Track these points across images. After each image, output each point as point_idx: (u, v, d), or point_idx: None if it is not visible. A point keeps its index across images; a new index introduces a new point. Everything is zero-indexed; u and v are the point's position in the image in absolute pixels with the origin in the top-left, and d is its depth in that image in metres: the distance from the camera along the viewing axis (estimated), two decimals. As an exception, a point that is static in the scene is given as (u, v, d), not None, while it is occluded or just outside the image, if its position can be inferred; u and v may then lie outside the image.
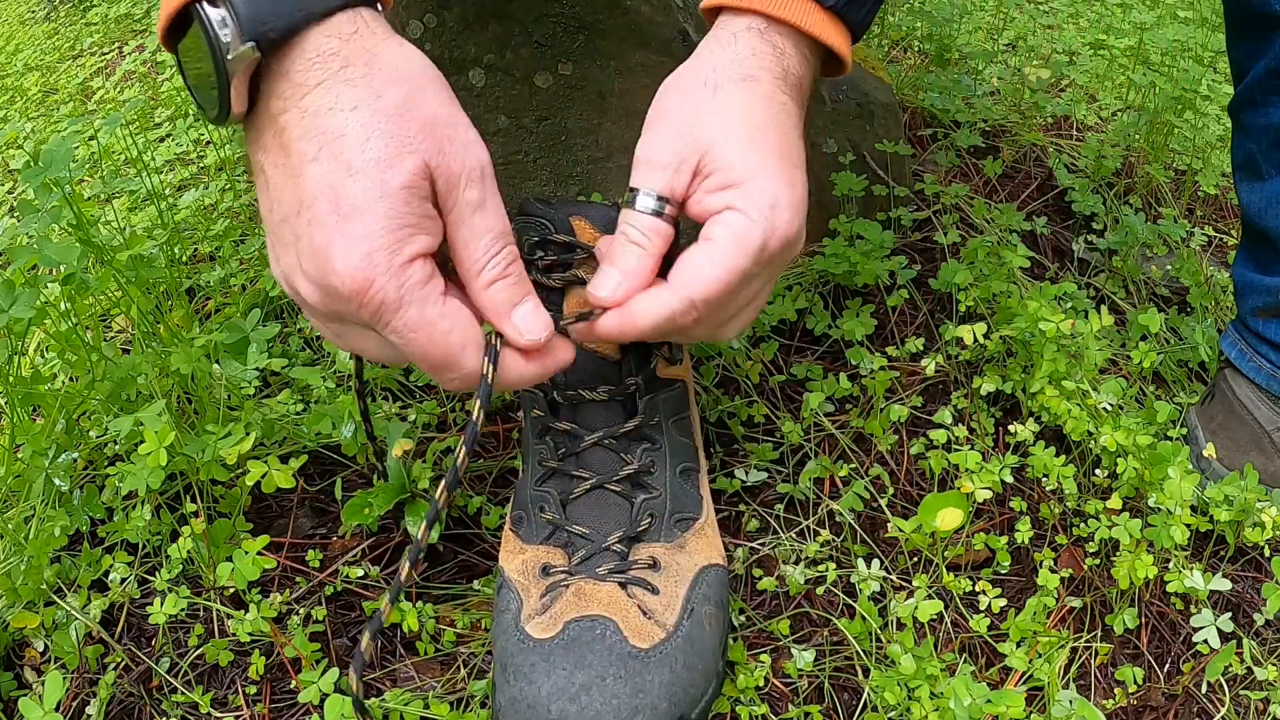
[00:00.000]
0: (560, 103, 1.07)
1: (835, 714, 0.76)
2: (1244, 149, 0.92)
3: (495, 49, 1.04)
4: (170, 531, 0.82)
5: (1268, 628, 0.84)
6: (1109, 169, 1.34)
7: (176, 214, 1.25)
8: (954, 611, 0.82)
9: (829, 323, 1.04)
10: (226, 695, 0.77)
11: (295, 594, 0.82)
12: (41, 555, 0.77)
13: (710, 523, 0.80)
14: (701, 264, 0.62)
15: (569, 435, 0.76)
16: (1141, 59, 1.73)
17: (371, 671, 0.79)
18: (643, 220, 0.64)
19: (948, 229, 1.12)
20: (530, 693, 0.65)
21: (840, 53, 0.67)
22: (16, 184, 1.61)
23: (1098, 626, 0.82)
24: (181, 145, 1.50)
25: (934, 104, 1.40)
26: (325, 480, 0.90)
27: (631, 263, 0.64)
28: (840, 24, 0.67)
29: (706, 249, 0.63)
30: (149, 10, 2.28)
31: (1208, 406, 0.97)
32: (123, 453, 0.86)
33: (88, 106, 1.89)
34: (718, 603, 0.74)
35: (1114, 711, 0.77)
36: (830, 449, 0.95)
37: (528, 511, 0.77)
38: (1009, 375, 0.96)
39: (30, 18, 2.57)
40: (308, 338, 1.03)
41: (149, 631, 0.80)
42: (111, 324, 1.11)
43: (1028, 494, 0.91)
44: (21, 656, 0.78)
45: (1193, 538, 0.87)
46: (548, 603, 0.70)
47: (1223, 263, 1.26)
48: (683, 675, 0.67)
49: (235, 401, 0.88)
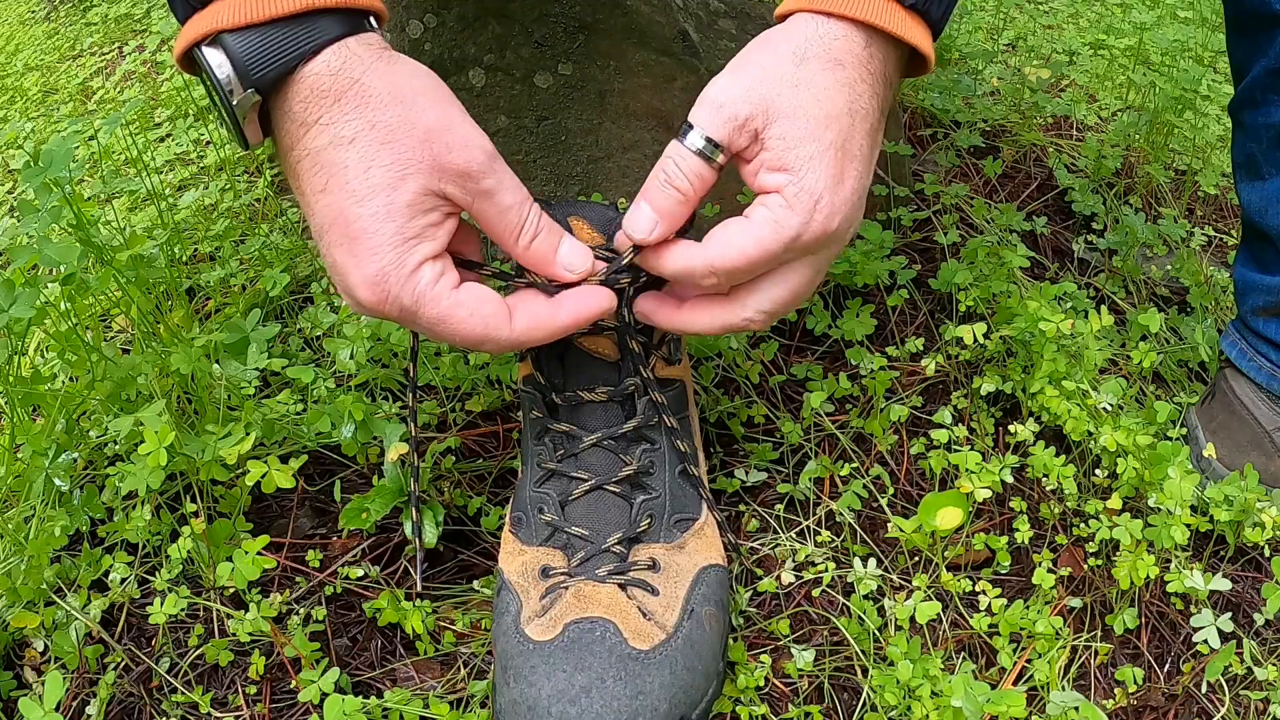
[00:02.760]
0: (560, 103, 1.07)
1: (835, 714, 0.76)
2: (1244, 149, 0.91)
3: (495, 49, 1.04)
4: (170, 531, 0.82)
5: (1268, 628, 0.84)
6: (1109, 169, 1.34)
7: (176, 214, 1.25)
8: (954, 611, 0.82)
9: (829, 323, 1.04)
10: (226, 695, 0.77)
11: (295, 594, 0.82)
12: (41, 555, 0.77)
13: (710, 523, 0.80)
14: (735, 235, 0.64)
15: (568, 436, 0.76)
16: (1141, 59, 1.73)
17: (371, 671, 0.79)
18: (688, 161, 0.65)
19: (948, 229, 1.12)
20: (531, 695, 0.65)
21: (923, 50, 0.67)
22: (16, 184, 1.61)
23: (1098, 626, 0.82)
24: (181, 145, 1.50)
25: (934, 104, 1.40)
26: (325, 480, 0.90)
27: (669, 205, 0.66)
28: (921, 21, 0.66)
29: (743, 224, 0.65)
30: (149, 10, 2.27)
31: (1208, 406, 0.97)
32: (123, 453, 0.86)
33: (88, 106, 1.89)
34: (718, 603, 0.73)
35: (1114, 711, 0.77)
36: (830, 449, 0.95)
37: (527, 513, 0.76)
38: (1009, 375, 0.96)
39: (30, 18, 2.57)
40: (308, 338, 1.03)
41: (149, 631, 0.80)
42: (111, 324, 1.11)
43: (1028, 494, 0.91)
44: (21, 656, 0.78)
45: (1193, 538, 0.87)
46: (547, 604, 0.70)
47: (1223, 263, 1.26)
48: (683, 676, 0.67)
49: (235, 401, 0.88)
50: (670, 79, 1.06)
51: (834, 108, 0.64)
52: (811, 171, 0.63)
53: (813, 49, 0.65)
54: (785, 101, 0.63)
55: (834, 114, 0.64)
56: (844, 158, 0.64)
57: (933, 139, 1.37)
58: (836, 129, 0.64)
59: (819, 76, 0.64)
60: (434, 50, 1.04)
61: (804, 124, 0.63)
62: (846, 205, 0.65)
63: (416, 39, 1.04)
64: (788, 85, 0.64)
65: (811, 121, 0.63)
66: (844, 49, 0.65)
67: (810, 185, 0.63)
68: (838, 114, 0.64)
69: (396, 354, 0.97)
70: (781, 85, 0.64)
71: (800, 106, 0.63)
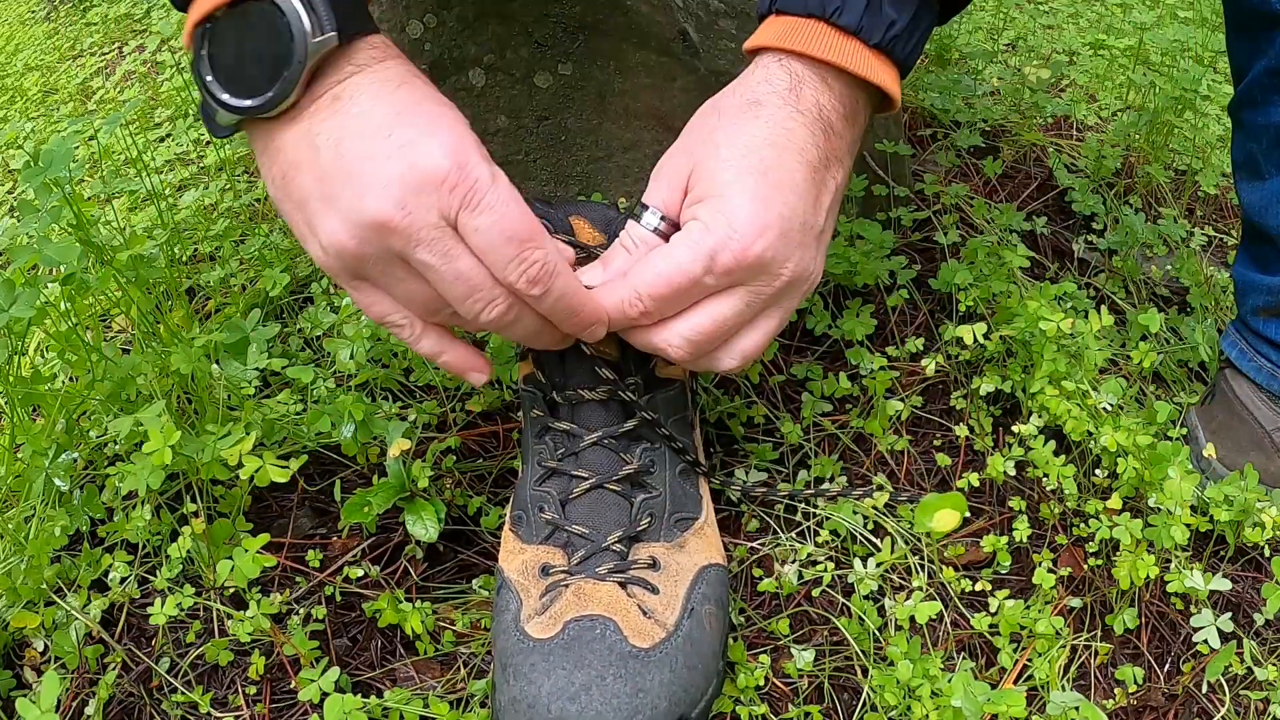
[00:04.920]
0: (560, 103, 1.07)
1: (835, 714, 0.76)
2: (1244, 148, 0.91)
3: (495, 49, 1.04)
4: (170, 531, 0.82)
5: (1268, 628, 0.83)
6: (1109, 169, 1.34)
7: (176, 214, 1.25)
8: (953, 611, 0.82)
9: (829, 323, 1.04)
10: (226, 695, 0.77)
11: (295, 594, 0.82)
12: (41, 555, 0.77)
13: (710, 522, 0.80)
14: (655, 259, 0.66)
15: (568, 435, 0.76)
16: (1141, 59, 1.73)
17: (371, 671, 0.79)
18: (638, 232, 0.70)
19: (948, 229, 1.12)
20: (530, 692, 0.65)
21: (884, 88, 0.68)
22: (16, 184, 1.61)
23: (1098, 626, 0.82)
24: (181, 145, 1.50)
25: (934, 104, 1.40)
26: (325, 480, 0.90)
27: (618, 263, 0.69)
28: (886, 61, 0.67)
29: (663, 250, 0.67)
30: (149, 10, 2.27)
31: (1208, 406, 0.97)
32: (123, 453, 0.86)
33: (88, 106, 1.89)
34: (718, 602, 0.74)
35: (1114, 711, 0.77)
36: (830, 449, 0.95)
37: (527, 511, 0.76)
38: (1009, 375, 0.96)
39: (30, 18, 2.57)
40: (308, 338, 1.03)
41: (149, 631, 0.80)
42: (111, 324, 1.11)
43: (1028, 494, 0.91)
44: (21, 656, 0.78)
45: (1193, 538, 0.87)
46: (547, 602, 0.70)
47: (1223, 263, 1.26)
48: (683, 675, 0.67)
49: (235, 401, 0.88)
50: (670, 79, 1.06)
51: (752, 141, 0.66)
52: (728, 197, 0.65)
53: (730, 102, 0.68)
54: (704, 149, 0.67)
55: (752, 146, 0.66)
56: (768, 185, 0.65)
57: (933, 139, 1.37)
58: (757, 158, 0.65)
59: (736, 119, 0.67)
60: (434, 50, 1.04)
61: (721, 161, 0.66)
62: (772, 233, 0.65)
63: (416, 39, 1.04)
64: (707, 136, 0.67)
65: (729, 157, 0.66)
66: (765, 90, 0.67)
67: (725, 208, 0.65)
68: (756, 146, 0.66)
69: (396, 354, 0.97)
70: (701, 139, 0.68)
71: (717, 147, 0.66)
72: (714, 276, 0.65)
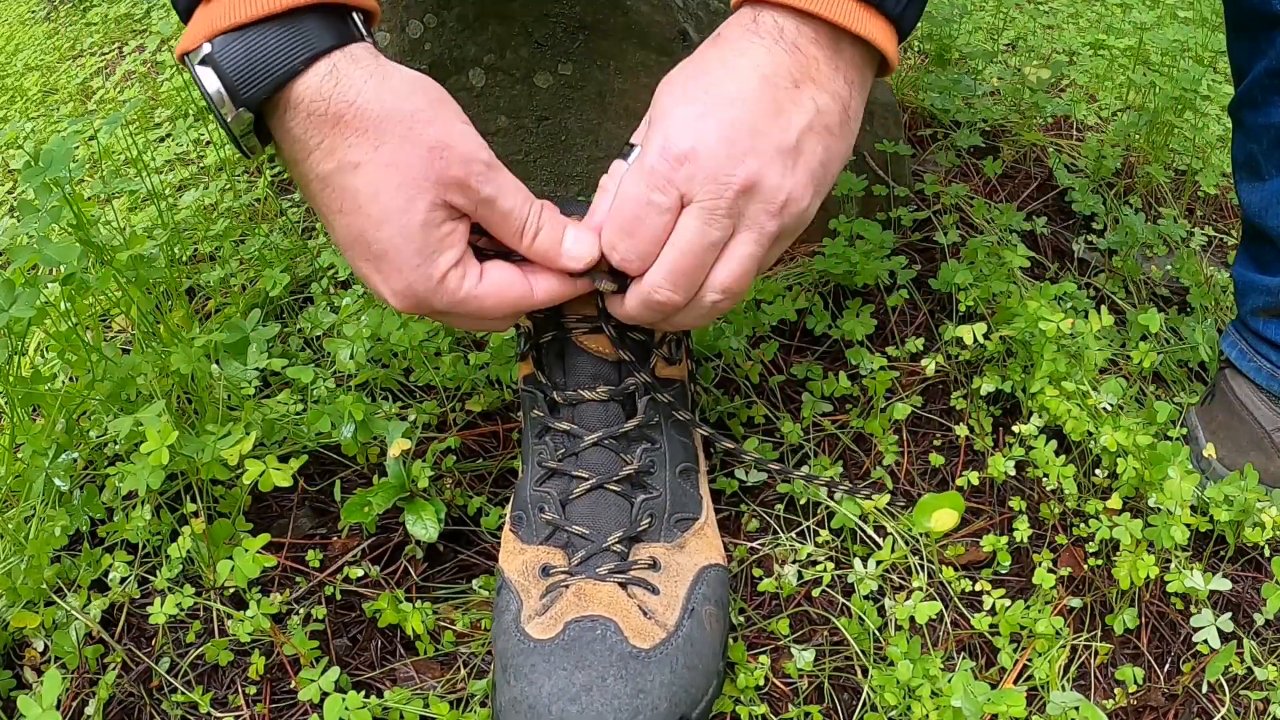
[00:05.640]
0: (560, 103, 1.07)
1: (835, 714, 0.76)
2: (1244, 149, 0.91)
3: (495, 49, 1.04)
4: (170, 531, 0.82)
5: (1268, 628, 0.84)
6: (1109, 169, 1.34)
7: (176, 214, 1.25)
8: (954, 611, 0.82)
9: (829, 323, 1.04)
10: (226, 695, 0.77)
11: (295, 594, 0.82)
12: (41, 555, 0.77)
13: (710, 523, 0.80)
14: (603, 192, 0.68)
15: (568, 435, 0.76)
16: (1141, 59, 1.73)
17: (371, 671, 0.79)
18: (618, 168, 0.69)
19: (948, 229, 1.12)
20: (531, 693, 0.65)
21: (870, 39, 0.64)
22: (16, 184, 1.61)
23: (1098, 626, 0.82)
24: (181, 145, 1.50)
25: (934, 104, 1.40)
26: (325, 480, 0.90)
27: (602, 204, 0.69)
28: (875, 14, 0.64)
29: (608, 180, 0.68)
30: (149, 10, 2.27)
31: (1208, 406, 0.97)
32: (123, 453, 0.86)
33: (88, 106, 1.89)
34: (718, 602, 0.74)
35: (1114, 711, 0.77)
36: (830, 449, 0.95)
37: (527, 512, 0.76)
38: (1009, 375, 0.96)
39: (30, 18, 2.57)
40: (308, 338, 1.03)
41: (149, 631, 0.80)
42: (111, 324, 1.11)
43: (1028, 494, 0.91)
44: (21, 656, 0.78)
45: (1193, 538, 0.87)
46: (548, 603, 0.70)
47: (1223, 263, 1.26)
48: (683, 675, 0.67)
49: (235, 401, 0.88)
50: (670, 79, 1.06)
51: (704, 62, 0.66)
52: (668, 110, 0.65)
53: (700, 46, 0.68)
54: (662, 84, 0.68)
55: (703, 67, 0.66)
56: (709, 97, 0.64)
57: (933, 139, 1.37)
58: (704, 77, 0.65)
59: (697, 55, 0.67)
60: (434, 50, 1.04)
61: (669, 82, 0.67)
62: (708, 135, 0.63)
63: (416, 39, 1.04)
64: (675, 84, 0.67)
65: (675, 75, 0.67)
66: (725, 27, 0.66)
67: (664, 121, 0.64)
68: (707, 66, 0.65)
69: (396, 354, 0.97)
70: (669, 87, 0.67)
71: (671, 79, 0.67)
72: (658, 192, 0.63)
